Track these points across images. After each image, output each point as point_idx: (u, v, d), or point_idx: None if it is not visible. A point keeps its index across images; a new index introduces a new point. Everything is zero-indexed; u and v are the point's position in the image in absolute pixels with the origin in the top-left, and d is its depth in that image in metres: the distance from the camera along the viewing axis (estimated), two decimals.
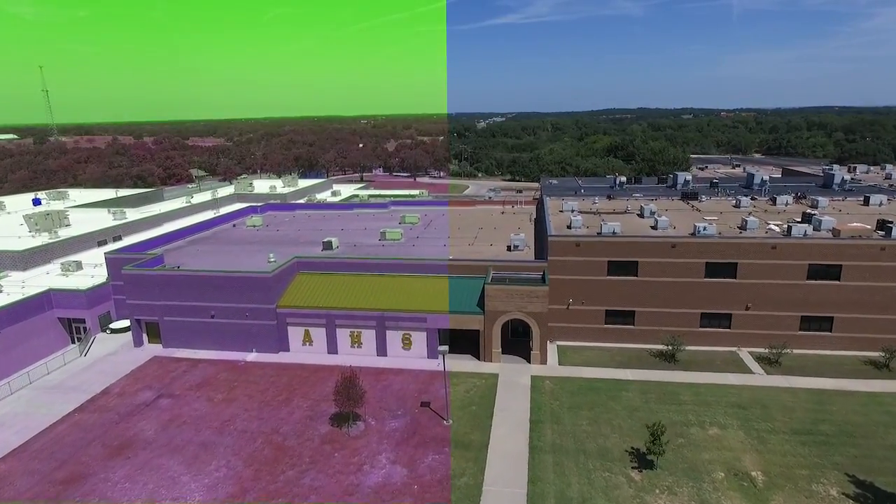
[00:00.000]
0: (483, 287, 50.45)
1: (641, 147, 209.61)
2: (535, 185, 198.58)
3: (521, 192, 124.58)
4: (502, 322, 49.36)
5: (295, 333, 53.28)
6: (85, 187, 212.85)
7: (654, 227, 57.27)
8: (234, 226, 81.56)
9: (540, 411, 41.99)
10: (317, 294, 53.63)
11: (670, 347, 49.76)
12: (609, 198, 75.32)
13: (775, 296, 50.53)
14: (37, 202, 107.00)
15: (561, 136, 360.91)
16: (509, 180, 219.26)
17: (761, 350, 50.65)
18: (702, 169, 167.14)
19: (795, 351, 49.91)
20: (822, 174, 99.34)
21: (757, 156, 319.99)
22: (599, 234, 55.04)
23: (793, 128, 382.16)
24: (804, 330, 51.03)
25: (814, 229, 53.21)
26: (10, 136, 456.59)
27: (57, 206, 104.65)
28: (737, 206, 67.61)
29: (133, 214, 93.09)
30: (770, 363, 48.79)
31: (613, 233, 54.64)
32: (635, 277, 52.08)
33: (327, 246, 63.34)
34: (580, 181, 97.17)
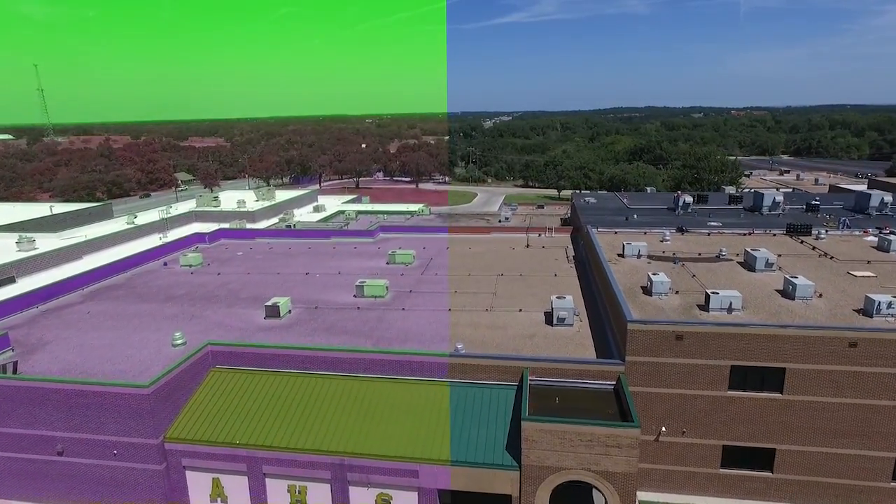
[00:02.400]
0: (516, 415, 29.04)
1: (670, 149, 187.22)
2: (553, 191, 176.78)
3: (542, 206, 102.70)
4: (553, 485, 27.74)
5: (198, 483, 31.76)
6: (53, 194, 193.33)
7: (788, 295, 35.42)
8: (165, 264, 60.26)
9: None
10: (235, 414, 32.11)
11: None
12: (681, 231, 53.52)
13: None
14: None
15: (571, 136, 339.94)
16: (522, 186, 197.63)
17: None
18: (747, 176, 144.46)
19: None
20: None
21: (784, 157, 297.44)
22: (705, 306, 33.35)
23: (814, 126, 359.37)
24: None
25: None
26: (6, 136, 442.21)
27: None
28: (883, 248, 45.65)
29: (49, 242, 71.70)
30: None
31: (729, 308, 32.85)
32: (778, 395, 30.29)
33: (272, 312, 41.81)
34: (625, 199, 75.33)
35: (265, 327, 40.44)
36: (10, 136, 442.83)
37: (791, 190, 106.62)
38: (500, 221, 77.17)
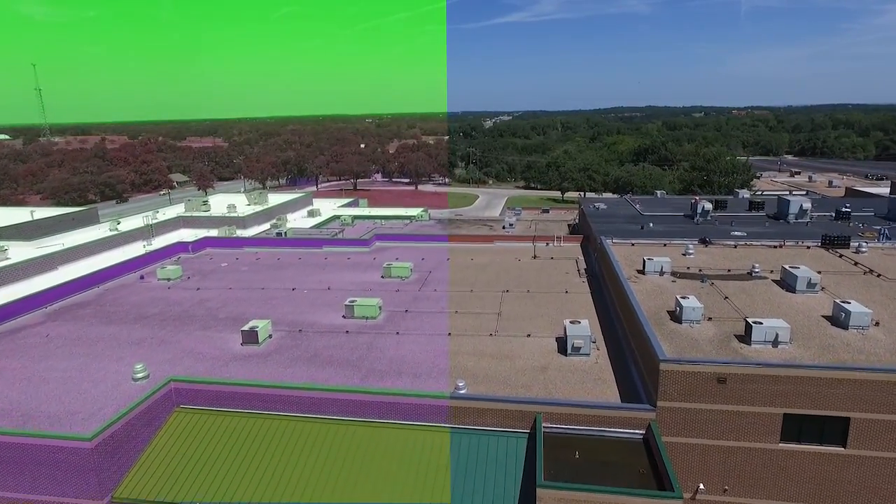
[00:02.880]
0: (528, 470, 24.35)
1: (675, 150, 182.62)
2: (556, 193, 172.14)
3: (547, 210, 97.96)
4: None
5: None
6: (44, 195, 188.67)
7: (840, 324, 30.71)
8: (141, 277, 55.62)
9: None
10: (199, 466, 27.41)
11: None
12: (705, 242, 48.81)
13: None
14: None
15: (572, 136, 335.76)
16: (524, 188, 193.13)
17: None
18: (757, 178, 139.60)
19: None
20: None
21: (789, 157, 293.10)
22: (745, 337, 28.67)
23: (817, 126, 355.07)
24: None
25: None
26: (3, 136, 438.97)
27: None
28: None
29: (23, 251, 67.21)
30: None
31: (774, 340, 28.15)
32: (841, 449, 25.60)
33: (250, 338, 37.09)
34: (637, 204, 70.61)
35: (241, 356, 35.76)
36: (7, 136, 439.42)
37: (805, 193, 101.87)
38: (503, 228, 72.50)
